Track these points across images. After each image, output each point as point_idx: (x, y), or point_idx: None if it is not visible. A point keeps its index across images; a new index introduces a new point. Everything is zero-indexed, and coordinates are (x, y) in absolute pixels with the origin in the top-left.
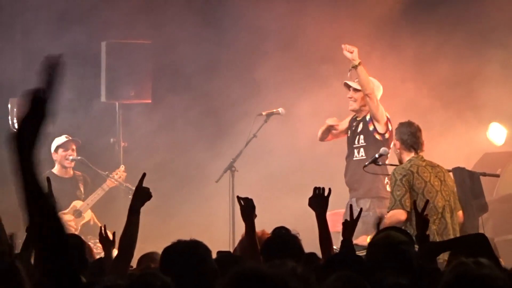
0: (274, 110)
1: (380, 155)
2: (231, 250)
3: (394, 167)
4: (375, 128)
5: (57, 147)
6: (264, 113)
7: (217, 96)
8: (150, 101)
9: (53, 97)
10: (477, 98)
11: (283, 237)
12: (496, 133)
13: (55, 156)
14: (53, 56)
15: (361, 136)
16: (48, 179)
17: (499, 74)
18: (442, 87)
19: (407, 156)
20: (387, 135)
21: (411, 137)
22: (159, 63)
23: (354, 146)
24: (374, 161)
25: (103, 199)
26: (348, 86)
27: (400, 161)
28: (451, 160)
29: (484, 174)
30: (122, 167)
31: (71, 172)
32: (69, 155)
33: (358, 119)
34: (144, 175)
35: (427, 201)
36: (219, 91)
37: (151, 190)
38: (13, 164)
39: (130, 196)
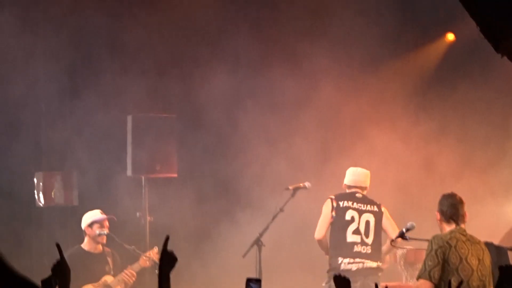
0: (301, 184)
1: (407, 229)
2: None
3: (422, 241)
4: None
5: (93, 223)
6: (290, 187)
7: (241, 169)
8: (176, 175)
9: None
10: (504, 171)
11: None
12: None
13: (88, 231)
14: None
15: None
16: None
17: None
18: (468, 157)
19: (448, 227)
20: (333, 213)
21: (450, 208)
22: (185, 136)
23: None
24: (402, 235)
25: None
26: None
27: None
28: (479, 233)
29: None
30: (155, 249)
31: (101, 247)
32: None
33: None
34: (167, 238)
35: (461, 282)
36: (244, 164)
37: (179, 268)
38: None
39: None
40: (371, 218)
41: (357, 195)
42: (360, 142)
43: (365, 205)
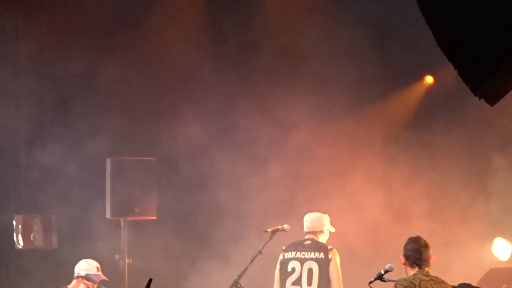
0: (280, 227)
1: (386, 271)
2: None
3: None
4: None
5: (87, 276)
6: (269, 230)
7: (220, 210)
8: (155, 217)
9: None
10: (482, 213)
11: None
12: (501, 248)
13: (79, 280)
14: None
15: None
16: None
17: (503, 189)
18: (447, 201)
19: (411, 271)
20: (279, 266)
21: (414, 253)
22: (164, 179)
23: None
24: (380, 277)
25: None
26: None
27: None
28: (457, 275)
29: None
30: None
31: None
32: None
33: None
34: (150, 280)
35: None
36: (222, 206)
37: None
38: None
39: None
40: (314, 266)
41: (306, 242)
42: (336, 185)
43: (309, 253)
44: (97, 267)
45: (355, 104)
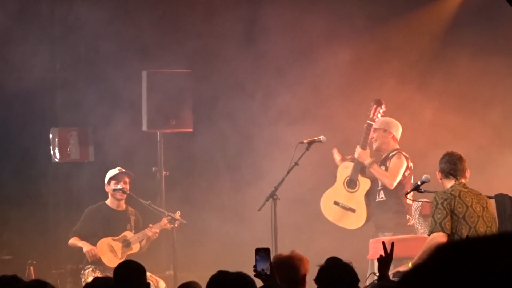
0: (316, 138)
1: (422, 182)
2: None
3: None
4: None
5: (110, 179)
6: (305, 141)
7: (257, 124)
8: (191, 130)
9: None
10: None
11: (337, 266)
12: None
13: (107, 188)
14: None
15: None
16: None
17: None
18: (487, 113)
19: (448, 183)
20: (407, 173)
21: (447, 164)
22: (200, 91)
23: (377, 188)
24: (417, 188)
25: None
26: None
27: None
28: (497, 188)
29: None
30: (178, 213)
31: (124, 205)
32: (125, 188)
33: (382, 160)
34: None
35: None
36: (259, 119)
37: (192, 220)
38: None
39: (171, 225)
40: None
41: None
42: (366, 99)
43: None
44: (119, 169)
45: (383, 17)
